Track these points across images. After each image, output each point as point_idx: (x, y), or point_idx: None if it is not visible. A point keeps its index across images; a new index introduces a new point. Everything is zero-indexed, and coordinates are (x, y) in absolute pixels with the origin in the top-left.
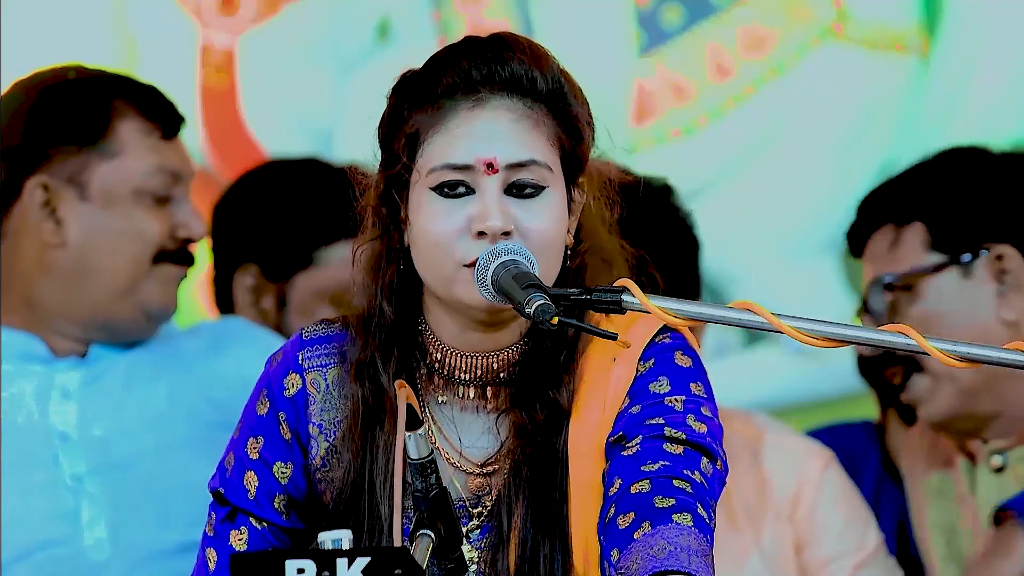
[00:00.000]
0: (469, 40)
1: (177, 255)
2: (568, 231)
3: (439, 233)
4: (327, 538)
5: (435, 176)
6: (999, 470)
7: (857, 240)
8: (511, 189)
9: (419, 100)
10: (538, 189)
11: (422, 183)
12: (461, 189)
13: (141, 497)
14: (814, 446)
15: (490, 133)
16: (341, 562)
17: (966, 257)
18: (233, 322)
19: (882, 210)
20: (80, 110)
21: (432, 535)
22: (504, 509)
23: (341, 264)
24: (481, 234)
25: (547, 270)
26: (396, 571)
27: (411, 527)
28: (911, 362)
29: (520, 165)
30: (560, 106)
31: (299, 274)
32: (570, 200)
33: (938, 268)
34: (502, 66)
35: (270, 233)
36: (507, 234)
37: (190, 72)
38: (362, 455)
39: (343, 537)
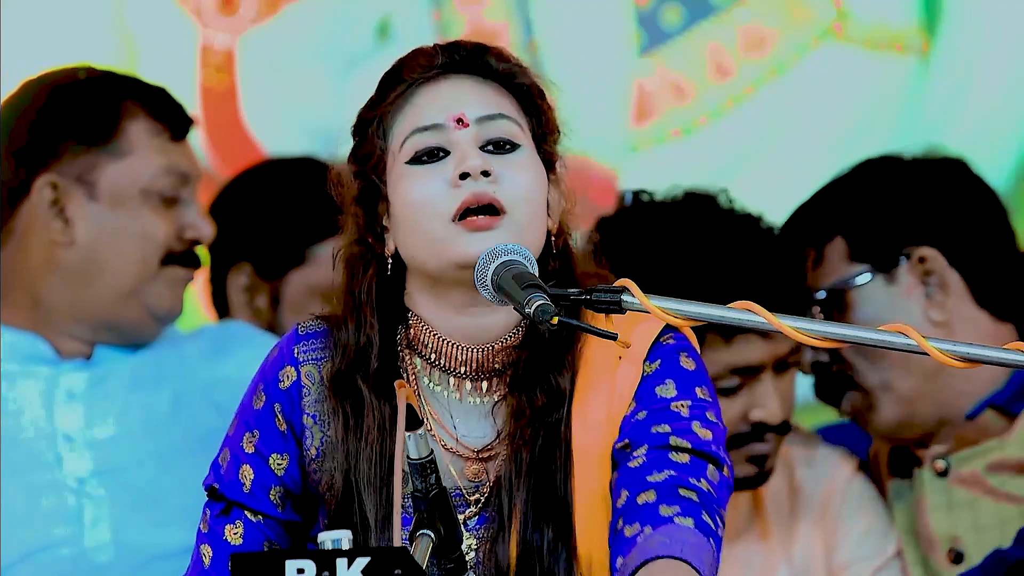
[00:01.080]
0: (436, 44)
1: (184, 257)
2: (548, 214)
3: (420, 195)
4: (327, 538)
5: (408, 147)
6: (943, 473)
7: None
8: (487, 146)
9: (384, 95)
10: (513, 146)
11: (399, 162)
12: (438, 153)
13: (144, 499)
14: (843, 453)
15: (455, 94)
16: (341, 562)
17: (887, 264)
18: (236, 326)
19: (804, 232)
20: (90, 109)
21: (432, 535)
22: (505, 495)
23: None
24: (463, 176)
25: (529, 225)
26: (396, 571)
27: (410, 527)
28: (843, 381)
29: (489, 118)
30: (515, 85)
31: (292, 272)
32: (548, 178)
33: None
34: (458, 52)
35: (263, 232)
36: (488, 175)
37: (190, 72)
38: (352, 458)
39: (343, 537)
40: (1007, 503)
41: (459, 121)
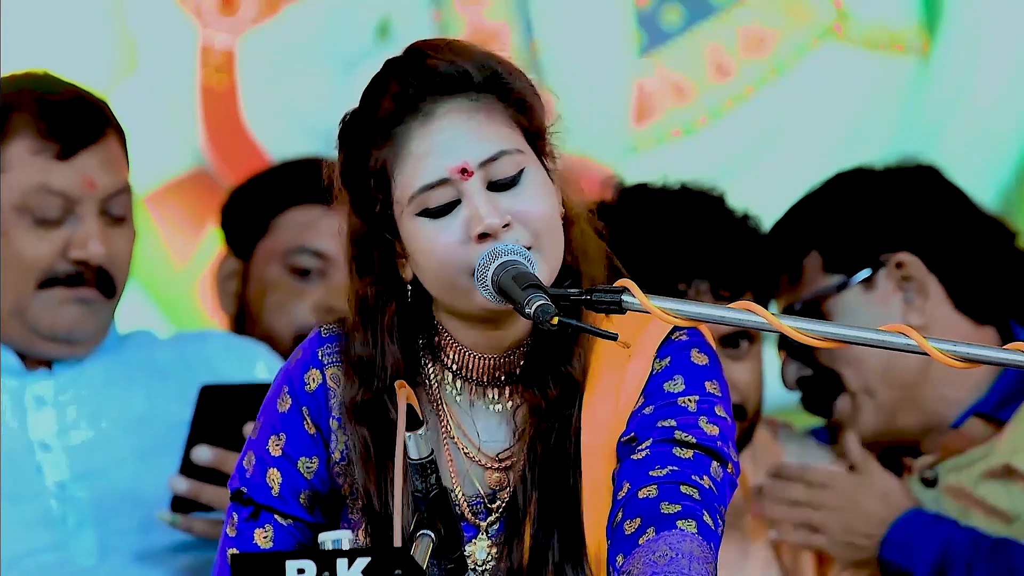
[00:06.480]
0: (388, 63)
1: (70, 278)
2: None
3: (441, 250)
4: (327, 538)
5: (417, 202)
6: (931, 483)
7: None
8: (494, 185)
9: (371, 137)
10: (519, 175)
11: (407, 213)
12: (447, 203)
13: (126, 500)
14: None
15: (451, 141)
16: (341, 562)
17: (863, 272)
18: (211, 332)
19: (781, 249)
20: None
21: (432, 535)
22: (520, 495)
23: (293, 228)
24: (483, 236)
25: (553, 249)
26: (396, 571)
27: (411, 527)
28: (833, 385)
29: (491, 159)
30: (501, 88)
31: (258, 244)
32: (548, 171)
33: (839, 288)
34: (429, 72)
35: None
36: (507, 226)
37: (190, 72)
38: (376, 485)
39: (343, 537)
40: (997, 520)
41: (463, 171)
